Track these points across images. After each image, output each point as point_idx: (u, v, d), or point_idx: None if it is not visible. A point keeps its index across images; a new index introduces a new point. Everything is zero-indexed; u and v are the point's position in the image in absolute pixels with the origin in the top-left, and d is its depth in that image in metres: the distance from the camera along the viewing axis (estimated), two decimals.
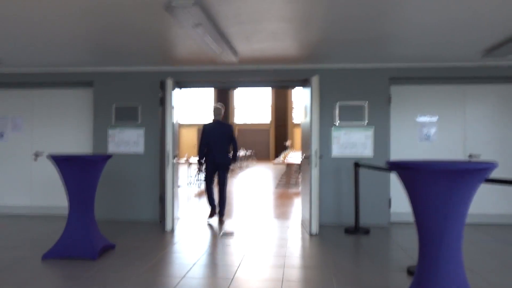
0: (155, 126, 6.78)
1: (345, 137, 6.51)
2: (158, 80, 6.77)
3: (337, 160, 6.54)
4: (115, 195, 6.82)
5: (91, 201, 4.69)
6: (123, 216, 6.80)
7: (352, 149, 6.50)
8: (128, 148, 6.79)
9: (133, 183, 6.79)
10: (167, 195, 6.03)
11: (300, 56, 5.99)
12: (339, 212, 6.54)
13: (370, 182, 6.48)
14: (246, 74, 6.69)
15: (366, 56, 6.00)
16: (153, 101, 6.80)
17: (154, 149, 6.77)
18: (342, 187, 6.53)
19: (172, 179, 6.03)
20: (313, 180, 5.82)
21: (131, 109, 6.79)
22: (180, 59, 6.24)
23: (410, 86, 6.71)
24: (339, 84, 6.56)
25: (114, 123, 6.82)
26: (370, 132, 6.48)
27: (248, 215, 7.43)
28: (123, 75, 6.85)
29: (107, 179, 6.82)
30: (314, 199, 5.83)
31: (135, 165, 6.79)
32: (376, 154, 6.48)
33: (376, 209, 6.48)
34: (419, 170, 2.81)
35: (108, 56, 6.04)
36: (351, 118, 6.51)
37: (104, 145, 6.84)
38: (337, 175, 6.53)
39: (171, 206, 6.03)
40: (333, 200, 6.55)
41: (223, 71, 6.73)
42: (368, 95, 6.51)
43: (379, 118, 6.50)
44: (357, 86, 6.53)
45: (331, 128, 6.55)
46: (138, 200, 6.79)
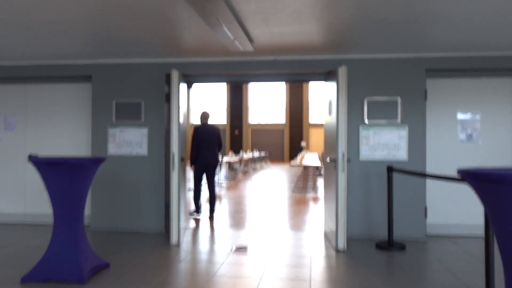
0: (160, 125, 6.06)
1: (375, 138, 5.70)
2: (163, 73, 6.05)
3: (366, 163, 5.73)
4: (115, 202, 6.11)
5: (79, 213, 3.97)
6: (124, 226, 6.08)
7: (383, 151, 5.69)
8: (130, 150, 6.08)
9: (136, 188, 6.07)
10: (173, 203, 5.29)
11: (324, 44, 5.20)
12: (368, 224, 5.73)
13: (404, 189, 5.66)
14: (262, 66, 5.93)
15: (399, 44, 5.19)
16: (158, 97, 6.07)
17: (159, 150, 6.05)
18: (372, 195, 5.72)
19: (178, 185, 5.29)
20: (340, 187, 5.03)
21: (133, 106, 6.08)
22: (188, 49, 5.50)
23: (449, 79, 5.87)
24: (368, 77, 5.75)
25: (114, 122, 6.11)
26: (404, 131, 5.66)
27: (263, 224, 6.66)
28: (124, 68, 6.14)
29: (106, 184, 6.11)
30: (341, 210, 5.03)
31: (138, 168, 6.07)
32: (411, 157, 5.65)
33: (410, 220, 5.66)
34: (510, 183, 2.01)
35: (107, 46, 5.33)
36: (382, 116, 5.70)
37: (103, 146, 6.14)
38: (365, 181, 5.73)
39: (177, 216, 5.29)
40: (361, 210, 5.74)
41: (236, 63, 5.97)
42: (401, 89, 5.69)
43: (414, 116, 5.67)
44: (388, 79, 5.72)
45: (359, 127, 5.74)
46: (142, 208, 6.07)
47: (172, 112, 5.29)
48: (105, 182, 6.12)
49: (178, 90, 5.30)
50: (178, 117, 5.29)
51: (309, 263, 4.49)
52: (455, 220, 5.84)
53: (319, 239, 5.64)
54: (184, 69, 5.98)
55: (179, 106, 5.29)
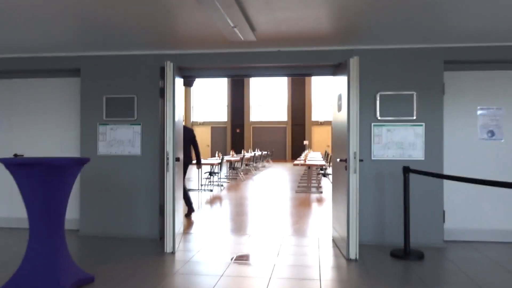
0: (155, 122, 5.59)
1: (389, 135, 5.23)
2: (158, 67, 5.58)
3: (378, 163, 5.25)
4: (106, 206, 5.64)
5: (59, 221, 3.50)
6: (116, 231, 5.62)
7: (397, 150, 5.21)
8: (122, 149, 5.61)
9: (129, 191, 5.61)
10: (167, 207, 4.83)
11: (333, 32, 4.73)
12: (381, 229, 5.25)
13: (420, 191, 5.19)
14: (265, 58, 5.45)
15: (415, 33, 4.71)
16: (152, 92, 5.60)
17: (153, 149, 5.58)
18: (385, 197, 5.25)
19: (172, 187, 4.83)
20: (352, 189, 4.56)
21: (125, 102, 5.61)
22: (184, 39, 5.03)
23: (470, 71, 5.38)
24: (381, 70, 5.27)
25: (105, 119, 5.65)
26: (420, 129, 5.18)
27: (266, 229, 6.19)
28: (115, 60, 5.67)
29: (97, 187, 5.65)
30: (353, 214, 4.56)
31: (131, 169, 5.61)
32: (428, 156, 5.17)
33: (427, 225, 5.18)
34: None
35: (97, 36, 4.86)
36: (396, 112, 5.22)
37: (93, 145, 5.67)
38: (378, 182, 5.25)
39: (172, 221, 4.82)
40: (373, 213, 5.27)
41: (237, 54, 5.50)
42: (417, 83, 5.21)
43: (431, 112, 5.19)
44: (403, 72, 5.24)
45: (370, 124, 5.27)
46: (135, 212, 5.61)
47: (167, 108, 4.82)
48: (95, 184, 5.66)
49: (173, 83, 4.83)
50: (173, 113, 4.82)
51: (318, 275, 4.02)
52: (475, 225, 5.37)
53: (327, 246, 5.17)
54: (181, 61, 5.51)
55: (174, 101, 4.82)
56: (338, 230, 5.21)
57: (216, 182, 12.79)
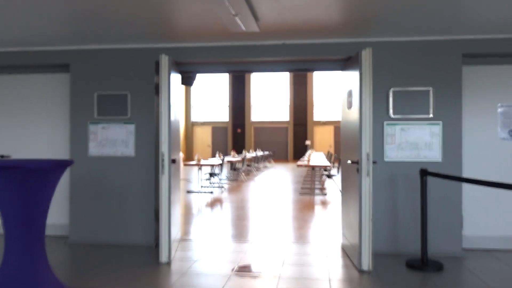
0: (149, 121, 5.20)
1: (403, 135, 4.82)
2: (153, 61, 5.18)
3: (391, 165, 4.85)
4: (98, 210, 5.25)
5: (38, 229, 3.11)
6: (108, 239, 5.23)
7: (412, 151, 4.81)
8: (115, 150, 5.22)
9: (122, 194, 5.21)
10: (162, 214, 4.43)
11: (343, 22, 4.33)
12: (394, 236, 4.85)
13: (437, 195, 4.78)
14: (269, 52, 5.06)
15: (431, 24, 4.31)
16: (146, 89, 5.21)
17: (148, 150, 5.19)
18: (399, 202, 4.85)
19: (168, 191, 4.43)
20: (364, 194, 4.16)
21: (118, 99, 5.21)
22: (182, 31, 4.64)
23: (490, 66, 4.98)
24: (394, 64, 4.87)
25: (96, 117, 5.25)
26: (437, 128, 4.78)
27: (269, 235, 5.79)
28: (107, 54, 5.27)
29: (87, 190, 5.26)
30: (365, 221, 4.16)
31: (124, 171, 5.22)
32: (446, 158, 4.77)
33: (445, 232, 4.78)
34: None
35: (87, 28, 4.47)
36: (411, 110, 4.82)
37: (83, 145, 5.27)
38: (391, 186, 4.85)
39: (167, 228, 4.42)
40: (386, 220, 4.86)
41: (238, 48, 5.10)
42: (434, 78, 4.81)
43: (448, 109, 4.79)
44: (418, 67, 4.84)
45: (383, 122, 4.87)
46: (128, 217, 5.21)
47: (162, 105, 4.42)
48: (86, 188, 5.26)
49: (168, 78, 4.43)
50: (169, 110, 4.42)
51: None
52: (495, 232, 4.97)
53: (335, 255, 4.77)
54: (178, 55, 5.11)
55: (169, 97, 4.42)
56: (348, 238, 4.81)
57: (217, 183, 12.40)
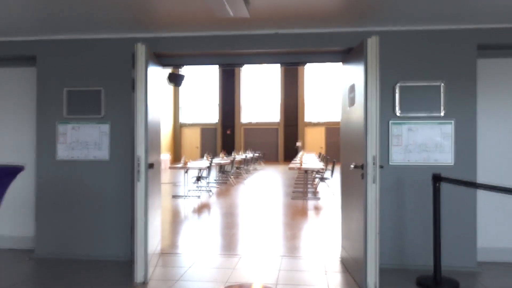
0: (126, 120, 4.62)
1: (410, 136, 4.30)
2: (130, 53, 4.60)
3: (397, 169, 4.33)
4: (68, 221, 4.65)
5: None
6: (79, 253, 4.63)
7: (421, 153, 4.29)
8: (87, 153, 4.63)
9: (94, 203, 4.62)
10: (137, 227, 3.85)
11: (344, 8, 3.80)
12: (401, 249, 4.33)
13: (449, 203, 4.27)
14: (260, 42, 4.51)
15: (442, 11, 3.80)
16: (123, 84, 4.63)
17: (125, 153, 4.61)
18: (406, 210, 4.32)
19: (145, 201, 3.85)
20: (370, 203, 3.62)
21: (90, 95, 4.62)
22: (163, 19, 4.07)
23: (508, 59, 4.49)
24: (401, 56, 4.35)
25: (65, 116, 4.65)
26: (448, 127, 4.27)
27: (260, 246, 5.23)
28: (78, 45, 4.68)
29: (56, 198, 4.66)
30: (371, 234, 3.62)
31: (97, 177, 4.62)
32: (459, 160, 4.26)
33: (459, 245, 4.26)
34: None
35: (56, 16, 3.88)
36: (419, 107, 4.30)
37: (51, 147, 4.67)
38: (397, 192, 4.33)
39: (143, 244, 3.84)
40: (392, 230, 4.34)
41: (226, 38, 4.54)
42: (445, 71, 4.30)
43: (461, 107, 4.28)
44: (428, 59, 4.33)
45: (388, 121, 4.34)
46: (102, 228, 4.62)
47: (137, 102, 3.85)
48: (53, 195, 4.66)
49: (145, 71, 3.85)
50: (145, 108, 3.84)
51: None
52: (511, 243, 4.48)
53: (334, 270, 4.23)
54: (159, 46, 4.54)
55: (146, 93, 3.84)
56: (348, 251, 4.28)
57: (205, 187, 11.80)
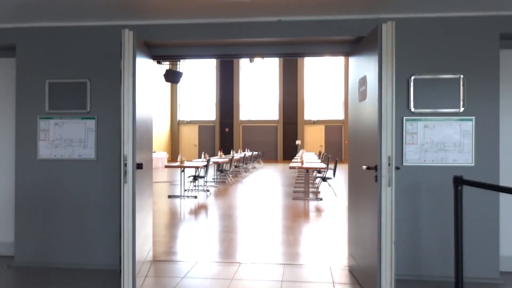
0: (114, 116, 4.22)
1: (426, 134, 3.91)
2: (118, 42, 4.19)
3: (412, 170, 3.94)
4: (50, 225, 4.26)
5: None
6: (62, 260, 4.23)
7: (438, 153, 3.90)
8: (71, 151, 4.23)
9: (80, 206, 4.23)
10: (125, 232, 3.45)
11: None
12: (416, 258, 3.94)
13: (470, 208, 3.88)
14: (261, 30, 4.11)
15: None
16: (110, 76, 4.23)
17: (113, 152, 4.21)
18: (421, 216, 3.93)
19: (132, 204, 3.45)
20: (385, 209, 3.23)
21: (74, 88, 4.22)
22: (154, 3, 3.67)
23: None
24: (416, 46, 3.96)
25: (48, 111, 4.25)
26: (468, 124, 3.88)
27: (261, 252, 4.84)
28: (62, 34, 4.28)
29: (37, 201, 4.26)
30: (386, 244, 3.23)
31: (83, 177, 4.23)
32: (480, 161, 3.87)
33: (480, 253, 3.88)
34: None
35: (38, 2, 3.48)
36: (436, 103, 3.91)
37: (32, 145, 4.27)
38: (412, 196, 3.94)
39: (131, 252, 3.44)
40: (406, 237, 3.95)
41: (224, 25, 4.14)
42: (465, 63, 3.91)
43: (483, 102, 3.89)
44: (446, 49, 3.93)
45: (402, 118, 3.95)
46: (88, 234, 4.22)
47: (124, 95, 3.44)
48: (35, 198, 4.26)
49: (133, 60, 3.45)
50: (133, 101, 3.44)
51: None
52: None
53: (343, 280, 3.84)
54: (150, 34, 4.15)
55: (134, 85, 3.44)
56: (357, 260, 3.89)
57: (202, 187, 11.41)
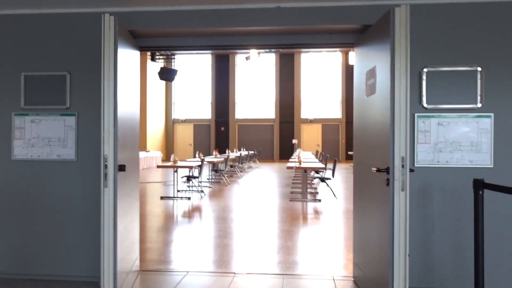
0: (97, 112, 3.83)
1: (440, 132, 3.55)
2: (100, 31, 3.80)
3: (425, 172, 3.57)
4: (26, 232, 3.86)
5: None
6: (39, 270, 3.85)
7: (453, 153, 3.54)
8: (49, 151, 3.84)
9: (58, 211, 3.84)
10: (104, 241, 3.08)
11: None
12: (428, 268, 3.58)
13: (487, 215, 3.52)
14: (259, 18, 3.73)
15: None
16: (92, 68, 3.84)
17: (95, 152, 3.82)
18: (434, 222, 3.58)
19: (113, 209, 3.08)
20: (398, 216, 2.87)
21: (53, 81, 3.83)
22: None
23: None
24: (429, 36, 3.60)
25: (23, 107, 3.86)
26: (487, 122, 3.52)
27: (258, 260, 4.48)
28: (38, 21, 3.88)
29: (11, 205, 3.87)
30: (400, 256, 2.87)
31: (62, 179, 3.84)
32: (499, 162, 3.52)
33: (499, 264, 3.53)
34: None
35: None
36: (451, 98, 3.55)
37: (6, 145, 3.88)
38: (424, 199, 3.58)
39: (112, 262, 3.08)
40: (417, 245, 3.59)
41: (218, 13, 3.76)
42: (482, 54, 3.55)
43: (502, 97, 3.54)
44: (461, 39, 3.57)
45: (413, 114, 3.59)
46: (67, 242, 3.84)
47: (104, 88, 3.07)
48: (9, 202, 3.87)
49: (115, 49, 3.08)
50: (115, 96, 3.07)
51: None
52: None
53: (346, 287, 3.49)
54: (134, 23, 3.77)
55: (115, 77, 3.07)
56: (365, 270, 3.53)
57: (196, 187, 11.03)
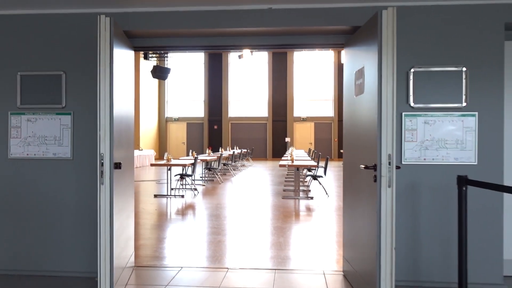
0: (92, 111, 3.90)
1: (427, 130, 3.67)
2: (95, 31, 3.88)
3: (411, 169, 3.69)
4: (22, 230, 3.93)
5: None
6: (36, 267, 3.91)
7: (439, 150, 3.66)
8: (45, 150, 3.91)
9: (55, 208, 3.91)
10: (101, 238, 3.16)
11: None
12: (415, 262, 3.70)
13: (472, 210, 3.65)
14: (251, 19, 3.82)
15: None
16: (87, 68, 3.91)
17: (91, 150, 3.90)
18: (421, 218, 3.70)
19: (110, 207, 3.17)
20: (385, 212, 2.98)
21: (49, 81, 3.89)
22: None
23: None
24: (416, 37, 3.71)
25: (19, 106, 3.92)
26: (471, 120, 3.64)
27: (250, 255, 4.58)
28: (35, 21, 3.95)
29: (8, 203, 3.93)
30: (386, 250, 2.99)
31: (58, 177, 3.91)
32: (483, 159, 3.64)
33: (483, 257, 3.65)
34: None
35: None
36: (437, 97, 3.67)
37: (2, 144, 3.94)
38: (411, 196, 3.70)
39: (108, 259, 3.16)
40: (404, 240, 3.71)
41: (211, 14, 3.85)
42: (467, 55, 3.67)
43: (487, 96, 3.66)
44: (447, 40, 3.69)
45: (401, 113, 3.70)
46: (63, 238, 3.91)
47: (100, 87, 3.15)
48: (5, 200, 3.94)
49: (110, 49, 3.15)
50: (111, 95, 3.15)
51: None
52: None
53: (337, 285, 3.60)
54: (129, 23, 3.84)
55: (111, 76, 3.15)
56: (354, 264, 3.64)
57: (189, 185, 11.10)
